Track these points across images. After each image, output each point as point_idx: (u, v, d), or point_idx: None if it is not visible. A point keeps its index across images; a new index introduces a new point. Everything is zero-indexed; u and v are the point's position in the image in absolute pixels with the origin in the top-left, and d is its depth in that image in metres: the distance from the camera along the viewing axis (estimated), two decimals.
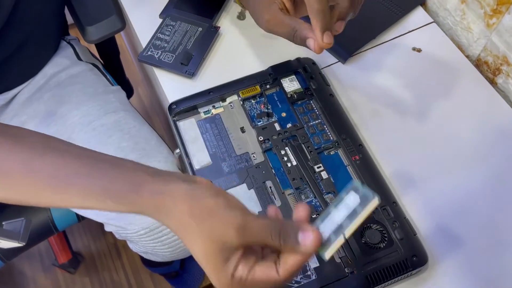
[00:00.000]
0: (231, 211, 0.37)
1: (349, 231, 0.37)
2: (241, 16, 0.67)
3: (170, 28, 0.66)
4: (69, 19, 0.81)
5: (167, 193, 0.38)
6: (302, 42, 0.50)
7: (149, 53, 0.64)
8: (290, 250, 0.37)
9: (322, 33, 0.47)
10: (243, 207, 0.39)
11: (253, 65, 0.63)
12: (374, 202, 0.36)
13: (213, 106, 0.58)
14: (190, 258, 1.31)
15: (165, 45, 0.65)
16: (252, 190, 0.52)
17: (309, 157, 0.53)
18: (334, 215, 0.38)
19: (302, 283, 0.46)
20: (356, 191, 0.37)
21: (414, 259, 0.47)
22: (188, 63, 0.63)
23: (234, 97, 0.58)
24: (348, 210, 0.37)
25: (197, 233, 0.37)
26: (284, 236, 0.37)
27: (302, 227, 0.37)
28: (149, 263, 1.20)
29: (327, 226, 0.38)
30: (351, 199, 0.37)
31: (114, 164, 0.41)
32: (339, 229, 0.37)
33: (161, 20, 0.68)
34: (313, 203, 0.50)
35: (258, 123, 0.56)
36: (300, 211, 0.39)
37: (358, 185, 0.37)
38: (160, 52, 0.64)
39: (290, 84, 0.59)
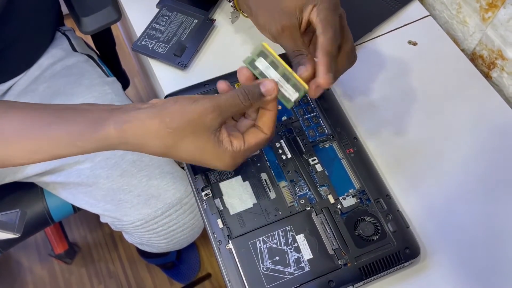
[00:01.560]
0: (198, 102, 0.41)
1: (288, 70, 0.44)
2: (234, 20, 0.66)
3: (166, 18, 0.66)
4: (64, 9, 0.81)
5: (132, 119, 0.41)
6: (297, 65, 0.48)
7: (143, 42, 0.64)
8: (260, 105, 0.43)
9: (327, 72, 0.45)
10: (203, 95, 0.43)
11: None
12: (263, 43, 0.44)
13: None
14: (186, 249, 1.33)
15: (160, 35, 0.64)
16: (247, 182, 0.52)
17: (304, 150, 0.54)
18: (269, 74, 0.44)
19: (296, 274, 0.46)
20: (260, 56, 0.44)
21: (407, 251, 0.47)
22: (181, 54, 0.63)
23: None
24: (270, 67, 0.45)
25: (180, 137, 0.40)
26: (250, 95, 0.42)
27: (258, 81, 0.43)
28: (145, 254, 1.21)
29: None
30: (263, 62, 0.45)
31: (73, 109, 0.43)
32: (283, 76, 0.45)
33: (157, 10, 0.67)
34: (308, 196, 0.51)
35: None
36: (243, 71, 0.45)
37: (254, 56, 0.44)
38: (154, 42, 0.64)
39: None
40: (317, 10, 0.48)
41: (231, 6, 0.61)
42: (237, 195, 0.51)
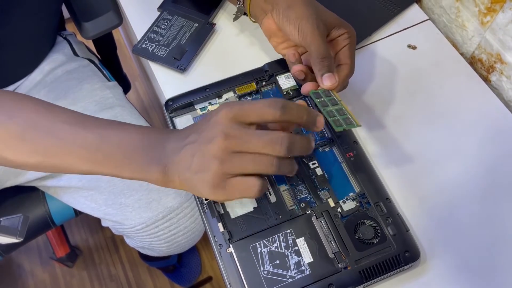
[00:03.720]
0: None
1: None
2: (236, 18, 0.66)
3: (167, 22, 0.66)
4: (66, 14, 0.82)
5: None
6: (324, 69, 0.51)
7: (143, 45, 0.65)
8: (308, 125, 0.46)
9: (321, 76, 0.49)
10: None
11: (248, 62, 0.63)
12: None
13: (210, 103, 0.59)
14: (187, 252, 1.33)
15: (160, 38, 0.65)
16: None
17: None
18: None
19: (296, 278, 0.46)
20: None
21: (407, 254, 0.47)
22: (180, 57, 0.63)
23: (230, 94, 0.59)
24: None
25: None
26: (312, 112, 0.45)
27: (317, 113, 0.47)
28: (146, 257, 1.21)
29: None
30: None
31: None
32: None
33: (157, 14, 0.68)
34: (308, 199, 0.51)
35: None
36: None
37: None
38: (154, 45, 0.64)
39: (286, 81, 0.59)
40: (349, 41, 0.52)
41: (238, 6, 0.61)
42: (238, 199, 0.51)
